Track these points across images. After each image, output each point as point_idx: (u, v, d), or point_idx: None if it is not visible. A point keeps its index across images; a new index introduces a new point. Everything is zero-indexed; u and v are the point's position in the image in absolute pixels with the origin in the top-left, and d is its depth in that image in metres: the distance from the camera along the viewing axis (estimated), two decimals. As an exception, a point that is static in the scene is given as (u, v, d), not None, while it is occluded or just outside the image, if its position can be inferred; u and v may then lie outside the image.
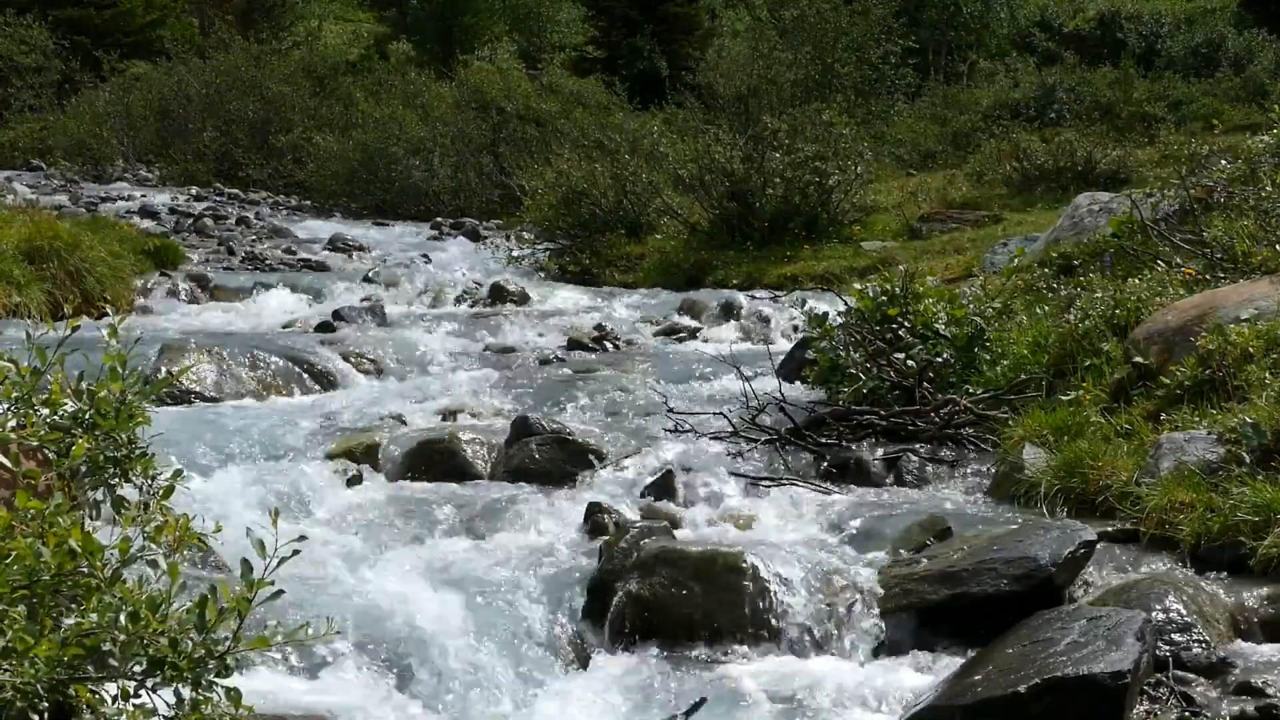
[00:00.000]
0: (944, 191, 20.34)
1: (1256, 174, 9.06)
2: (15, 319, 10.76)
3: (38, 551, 2.72)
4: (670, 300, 14.52)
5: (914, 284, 8.78)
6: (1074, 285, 8.96)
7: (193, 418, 7.86)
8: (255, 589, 2.80)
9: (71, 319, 3.32)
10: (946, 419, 7.55)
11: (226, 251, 18.27)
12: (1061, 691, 4.11)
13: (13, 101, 32.94)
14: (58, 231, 12.58)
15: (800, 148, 17.29)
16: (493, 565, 5.71)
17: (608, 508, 6.45)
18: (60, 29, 34.35)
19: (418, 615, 5.12)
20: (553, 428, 7.52)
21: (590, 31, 41.67)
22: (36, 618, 2.74)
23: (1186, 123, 22.89)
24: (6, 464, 3.13)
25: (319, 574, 5.43)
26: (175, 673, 2.75)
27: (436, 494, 6.89)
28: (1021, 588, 4.95)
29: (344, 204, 25.35)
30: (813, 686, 4.77)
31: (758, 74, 23.48)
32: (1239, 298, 6.88)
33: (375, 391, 9.06)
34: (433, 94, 28.32)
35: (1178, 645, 4.61)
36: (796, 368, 9.08)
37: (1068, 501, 6.12)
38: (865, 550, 5.78)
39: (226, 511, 5.76)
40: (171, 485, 3.26)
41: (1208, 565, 5.20)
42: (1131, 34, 33.17)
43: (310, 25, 42.77)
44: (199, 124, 29.56)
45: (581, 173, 18.56)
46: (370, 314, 12.95)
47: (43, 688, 2.67)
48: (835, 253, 16.69)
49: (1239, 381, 6.14)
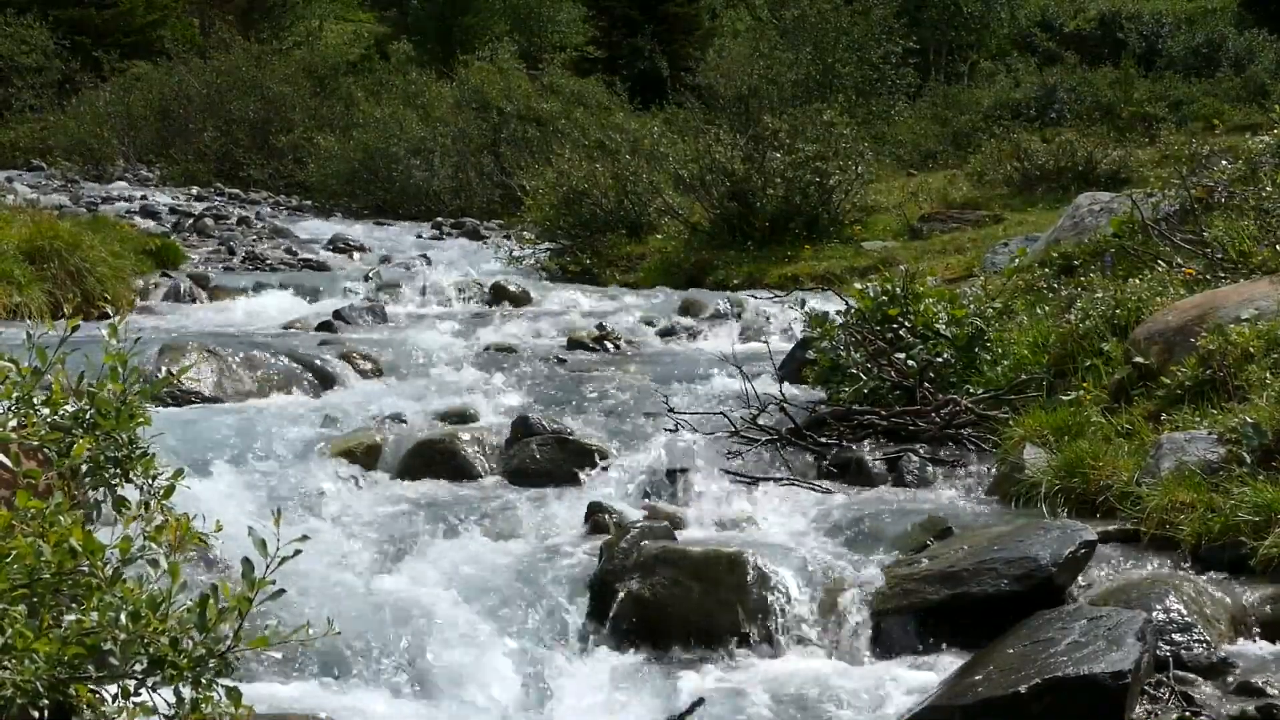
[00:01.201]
0: (945, 191, 20.35)
1: (1257, 174, 9.06)
2: (15, 319, 10.76)
3: (38, 550, 2.72)
4: (671, 300, 14.52)
5: (914, 284, 8.78)
6: (1075, 285, 8.96)
7: (193, 418, 7.86)
8: (256, 588, 2.80)
9: (72, 319, 3.32)
10: (947, 419, 7.54)
11: (227, 251, 18.29)
12: (1062, 691, 4.11)
13: (13, 101, 32.97)
14: (58, 231, 12.58)
15: (801, 148, 17.30)
16: (493, 565, 5.71)
17: (608, 508, 6.45)
18: (61, 29, 34.36)
19: (418, 615, 5.12)
20: (553, 428, 7.51)
21: (591, 31, 41.69)
22: (37, 616, 2.74)
23: (1187, 123, 22.91)
24: (7, 463, 3.13)
25: (319, 574, 5.43)
26: (176, 672, 2.75)
27: (436, 494, 6.89)
28: (1022, 588, 4.95)
29: (345, 204, 25.36)
30: (813, 686, 4.77)
31: (758, 74, 23.50)
32: (1239, 298, 6.88)
33: (375, 391, 9.05)
34: (433, 94, 28.35)
35: (1178, 645, 4.61)
36: (797, 368, 9.07)
37: (1068, 501, 6.11)
38: (866, 550, 5.78)
39: (226, 511, 5.75)
40: (172, 485, 3.26)
41: (1208, 565, 5.20)
42: (1132, 34, 33.17)
43: (311, 25, 42.76)
44: (199, 124, 29.59)
45: (582, 173, 18.58)
46: (371, 314, 12.95)
47: (43, 686, 2.67)
48: (836, 253, 16.69)
49: (1239, 381, 6.14)
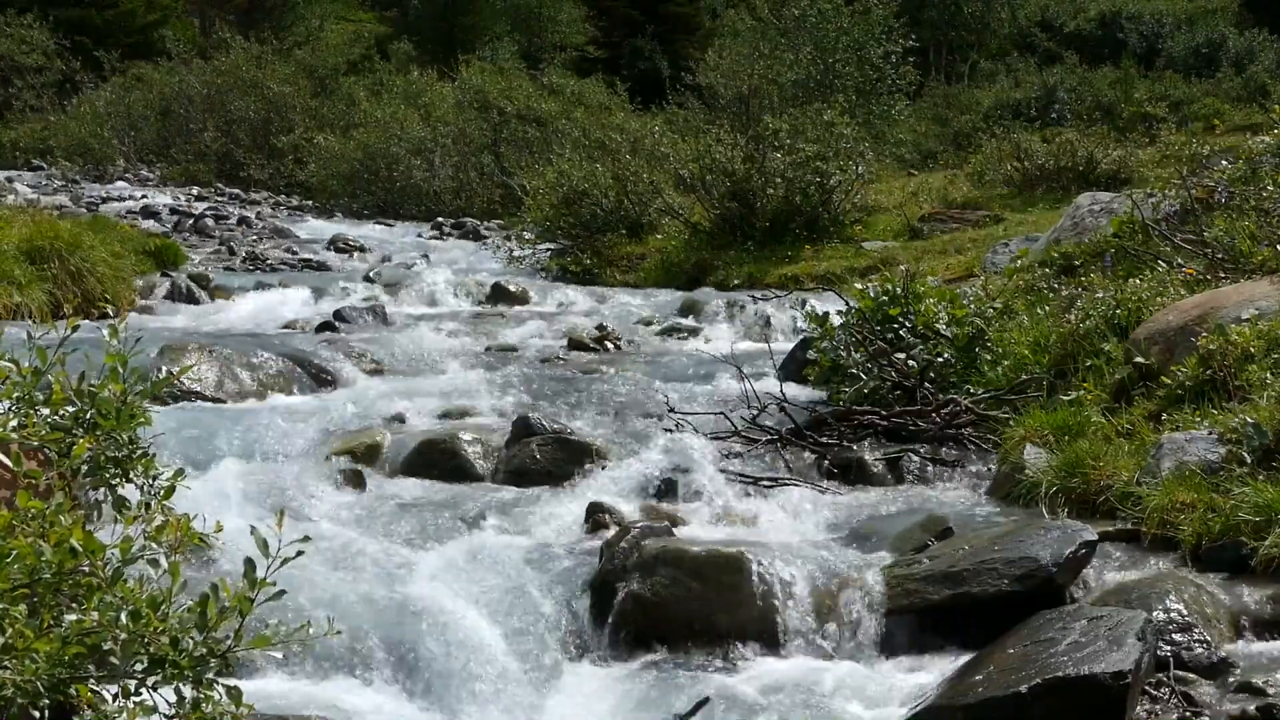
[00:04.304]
0: (945, 191, 20.35)
1: (1257, 174, 9.06)
2: (16, 319, 10.75)
3: (39, 550, 2.72)
4: (671, 300, 14.51)
5: (915, 284, 8.78)
6: (1075, 285, 8.95)
7: (194, 418, 7.86)
8: (257, 588, 2.80)
9: (72, 319, 3.32)
10: (948, 419, 7.54)
11: (228, 251, 18.28)
12: (1063, 691, 4.11)
13: (14, 101, 32.98)
14: (59, 231, 12.58)
15: (801, 148, 17.30)
16: (493, 565, 5.71)
17: (609, 507, 6.45)
18: (61, 29, 34.38)
19: (418, 615, 5.12)
20: (554, 428, 7.52)
21: (591, 32, 41.71)
22: (38, 616, 2.74)
23: (1188, 123, 22.93)
24: (8, 464, 3.12)
25: (319, 574, 5.43)
26: (176, 671, 2.75)
27: (437, 494, 6.89)
28: (1023, 588, 4.95)
29: (345, 204, 25.36)
30: (814, 686, 4.77)
31: (759, 74, 23.50)
32: (1240, 298, 6.88)
33: (376, 391, 9.04)
34: (434, 94, 28.35)
35: (1179, 645, 4.62)
36: (798, 368, 9.07)
37: (1069, 502, 6.11)
38: (866, 550, 5.78)
39: (227, 511, 5.75)
40: (172, 485, 3.26)
41: (1209, 565, 5.20)
42: (1132, 34, 33.20)
43: (311, 25, 42.79)
44: (200, 124, 29.60)
45: (582, 173, 18.57)
46: (371, 314, 12.95)
47: (43, 685, 2.67)
48: (836, 253, 16.69)
49: (1240, 381, 6.14)
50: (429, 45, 42.28)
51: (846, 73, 26.67)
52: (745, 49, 26.93)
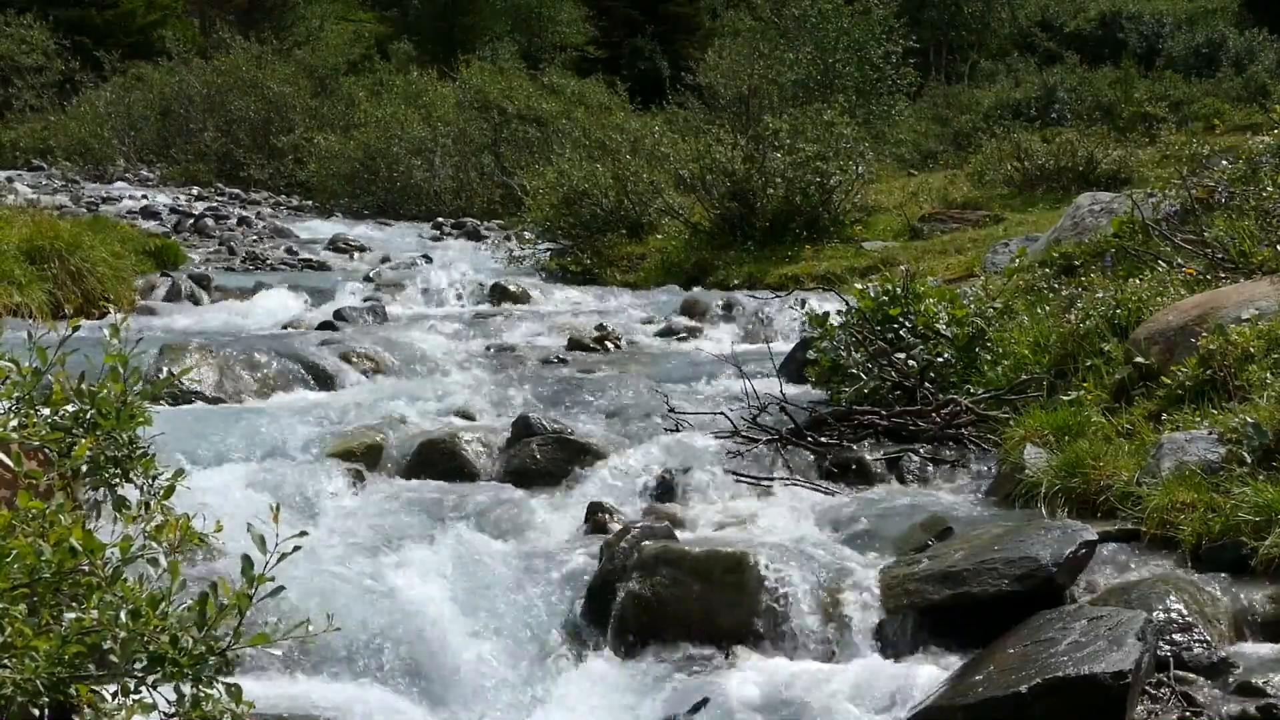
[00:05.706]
0: (945, 191, 20.36)
1: (1257, 174, 9.05)
2: (16, 319, 10.75)
3: (39, 550, 2.72)
4: (671, 300, 14.52)
5: (915, 284, 8.78)
6: (1075, 285, 8.95)
7: (194, 418, 7.86)
8: (256, 586, 2.80)
9: (72, 319, 3.32)
10: (948, 419, 7.54)
11: (228, 251, 18.29)
12: (1063, 691, 4.11)
13: (14, 101, 32.98)
14: (59, 231, 12.59)
15: (801, 148, 17.31)
16: (493, 565, 5.71)
17: (609, 508, 6.45)
18: (61, 29, 34.38)
19: (418, 615, 5.12)
20: (554, 428, 7.52)
21: (591, 32, 41.72)
22: (37, 615, 2.74)
23: (1188, 123, 22.95)
24: (8, 463, 3.12)
25: (319, 572, 5.43)
26: (176, 669, 2.75)
27: (437, 494, 6.89)
28: (1023, 588, 4.95)
29: (345, 204, 25.37)
30: (814, 686, 4.77)
31: (759, 74, 23.51)
32: (1240, 298, 6.87)
33: (376, 391, 9.05)
34: (434, 94, 28.35)
35: (1179, 645, 4.61)
36: (798, 368, 9.08)
37: (1069, 501, 6.10)
38: (866, 550, 5.78)
39: (227, 511, 5.75)
40: (172, 485, 3.26)
41: (1209, 565, 5.19)
42: (1132, 34, 33.22)
43: (311, 25, 42.79)
44: (200, 124, 29.60)
45: (583, 173, 18.58)
46: (371, 314, 12.95)
47: (43, 684, 2.67)
48: (836, 253, 16.69)
49: (1240, 381, 6.13)
50: (429, 45, 42.28)
51: (846, 73, 26.68)
52: (745, 49, 26.91)
